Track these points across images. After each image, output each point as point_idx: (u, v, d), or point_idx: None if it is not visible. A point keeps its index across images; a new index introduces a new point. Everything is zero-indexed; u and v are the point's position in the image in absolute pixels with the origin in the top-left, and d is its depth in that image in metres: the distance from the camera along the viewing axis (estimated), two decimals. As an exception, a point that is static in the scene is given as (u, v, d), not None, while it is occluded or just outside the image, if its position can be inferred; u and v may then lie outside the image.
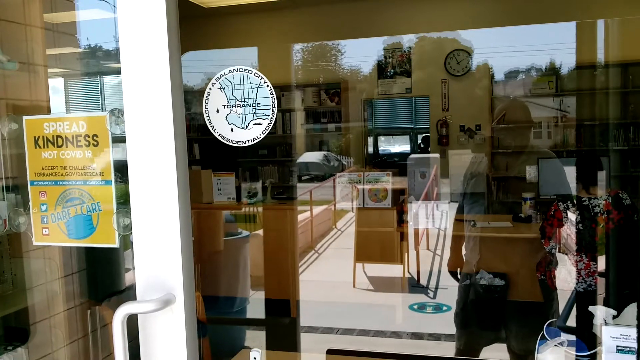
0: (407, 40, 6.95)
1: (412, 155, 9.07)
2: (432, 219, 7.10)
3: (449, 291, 5.18)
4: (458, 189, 5.03)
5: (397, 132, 12.77)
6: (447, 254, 6.58)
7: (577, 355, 1.53)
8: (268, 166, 6.64)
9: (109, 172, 1.17)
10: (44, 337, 2.79)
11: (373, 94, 7.56)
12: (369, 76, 7.40)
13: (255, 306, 4.26)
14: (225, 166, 4.23)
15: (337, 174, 5.21)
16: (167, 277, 1.08)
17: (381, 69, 7.07)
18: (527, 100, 6.42)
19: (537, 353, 1.58)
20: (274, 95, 1.40)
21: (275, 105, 1.40)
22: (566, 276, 3.55)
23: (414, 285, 5.42)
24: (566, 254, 3.66)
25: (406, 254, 5.28)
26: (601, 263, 3.03)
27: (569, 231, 3.47)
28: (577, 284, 3.28)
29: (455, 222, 4.29)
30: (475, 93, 6.84)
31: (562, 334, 1.56)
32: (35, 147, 1.20)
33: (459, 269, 3.74)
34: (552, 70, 6.53)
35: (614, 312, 1.58)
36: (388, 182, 4.39)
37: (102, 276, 2.76)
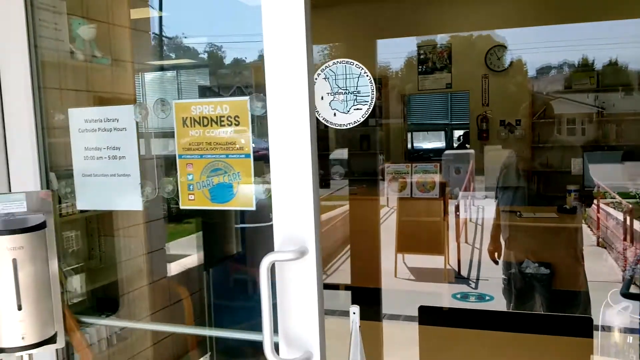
0: (449, 37, 7.08)
1: (447, 151, 9.18)
2: (470, 212, 7.21)
3: (490, 282, 5.32)
4: (495, 183, 5.18)
5: (431, 128, 12.80)
6: (485, 246, 6.71)
7: (641, 319, 1.70)
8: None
9: (248, 147, 1.40)
10: (130, 308, 3.07)
11: (412, 90, 7.70)
12: (408, 72, 7.53)
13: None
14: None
15: (384, 165, 5.39)
16: (301, 232, 1.31)
17: (421, 65, 7.20)
18: (566, 96, 6.51)
19: (602, 317, 1.75)
20: (373, 84, 1.61)
21: (374, 92, 1.62)
22: (610, 268, 3.67)
23: (455, 276, 5.56)
24: (605, 247, 3.79)
25: (447, 246, 5.42)
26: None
27: (610, 223, 3.60)
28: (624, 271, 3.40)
29: (499, 212, 4.43)
30: (515, 88, 6.92)
31: (626, 300, 1.74)
32: (183, 127, 1.44)
33: (496, 254, 3.92)
34: (592, 66, 6.57)
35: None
36: (435, 172, 4.57)
37: (216, 244, 3.07)
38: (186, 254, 3.94)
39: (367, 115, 1.64)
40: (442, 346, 2.19)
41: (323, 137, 6.71)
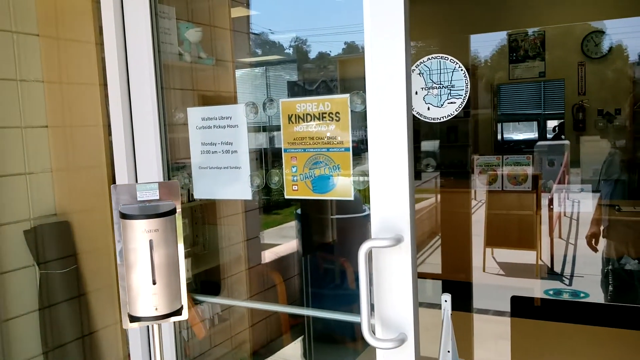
0: (543, 23, 6.82)
1: (540, 142, 8.83)
2: (564, 206, 6.93)
3: (586, 279, 5.13)
4: (596, 175, 4.95)
5: (523, 119, 12.33)
6: (580, 242, 6.44)
7: None
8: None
9: (347, 141, 1.51)
10: (228, 291, 3.29)
11: (504, 79, 7.49)
12: (499, 61, 7.33)
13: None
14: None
15: (474, 157, 5.32)
16: (397, 221, 1.39)
17: (512, 53, 6.99)
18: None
19: None
20: (467, 78, 1.65)
21: (468, 86, 1.67)
22: None
23: (548, 272, 5.40)
24: None
25: (539, 240, 5.27)
26: None
27: None
28: None
29: (597, 206, 4.29)
30: (614, 75, 6.57)
31: None
32: (289, 123, 1.58)
33: (593, 240, 3.79)
34: None
35: None
36: (528, 165, 4.46)
37: (314, 234, 3.28)
38: (277, 243, 4.13)
39: (460, 109, 1.69)
40: (534, 339, 2.19)
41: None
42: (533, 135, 11.59)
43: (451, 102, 1.66)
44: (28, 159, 2.21)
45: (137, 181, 1.74)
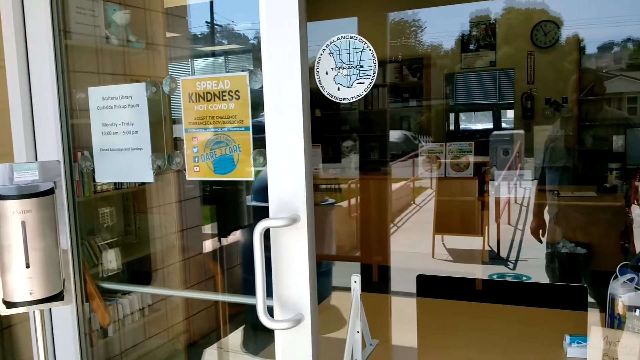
0: (493, 13, 6.90)
1: (495, 132, 9.00)
2: (515, 193, 7.08)
3: (530, 263, 5.25)
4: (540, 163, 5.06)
5: (479, 108, 12.50)
6: (527, 227, 6.58)
7: (648, 292, 1.68)
8: (355, 143, 6.86)
9: (248, 121, 1.47)
10: (162, 282, 3.23)
11: (455, 69, 7.57)
12: (451, 51, 7.40)
13: (341, 268, 4.53)
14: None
15: (419, 145, 5.37)
16: (294, 201, 1.37)
17: (464, 43, 7.06)
18: (615, 72, 6.25)
19: (609, 290, 1.74)
20: (376, 57, 1.64)
21: (377, 67, 1.65)
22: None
23: (494, 258, 5.51)
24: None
25: (486, 227, 5.36)
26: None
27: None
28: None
29: (538, 191, 4.37)
30: (562, 65, 6.70)
31: (633, 273, 1.72)
32: (189, 102, 1.53)
33: (540, 231, 3.85)
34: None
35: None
36: (470, 152, 4.52)
37: (229, 215, 3.25)
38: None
39: (368, 90, 1.67)
40: (439, 317, 2.21)
41: (367, 119, 6.74)
42: (490, 125, 11.78)
43: (360, 83, 1.64)
44: None
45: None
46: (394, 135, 9.81)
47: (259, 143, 1.45)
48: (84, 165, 1.76)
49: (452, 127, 10.78)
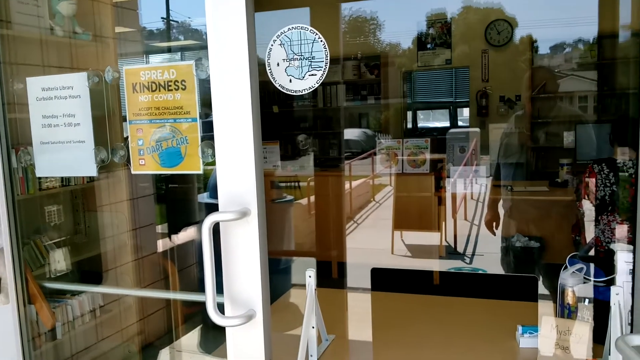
0: (449, 12, 6.99)
1: (452, 130, 9.14)
2: (471, 189, 7.20)
3: (486, 257, 5.35)
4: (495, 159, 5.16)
5: (436, 106, 12.68)
6: (483, 222, 6.71)
7: (595, 281, 1.72)
8: (309, 139, 6.83)
9: (195, 111, 1.42)
10: (114, 282, 3.13)
11: (412, 67, 7.63)
12: (408, 49, 7.46)
13: (299, 265, 4.51)
14: (269, 136, 4.50)
15: (377, 141, 5.39)
16: (244, 194, 1.33)
17: (421, 42, 7.13)
18: (567, 71, 6.43)
19: (560, 280, 1.77)
20: (327, 49, 1.61)
21: (328, 58, 1.62)
22: (599, 236, 3.64)
23: (451, 252, 5.59)
24: (599, 216, 3.77)
25: (443, 222, 5.43)
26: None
27: (602, 192, 3.56)
28: (610, 243, 3.39)
29: (492, 187, 4.44)
30: (515, 63, 6.84)
31: (582, 263, 1.75)
32: (133, 92, 1.46)
33: (494, 224, 3.92)
34: (591, 42, 6.47)
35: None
36: (427, 148, 4.56)
37: (185, 213, 3.17)
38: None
39: (321, 81, 1.64)
40: (393, 311, 2.22)
41: (325, 116, 6.73)
42: (447, 123, 11.96)
43: (312, 74, 1.61)
44: None
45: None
46: (354, 133, 9.89)
47: (210, 136, 1.41)
48: (23, 160, 1.67)
49: (410, 125, 10.90)
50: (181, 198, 3.33)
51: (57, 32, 2.65)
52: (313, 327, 1.67)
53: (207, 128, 1.42)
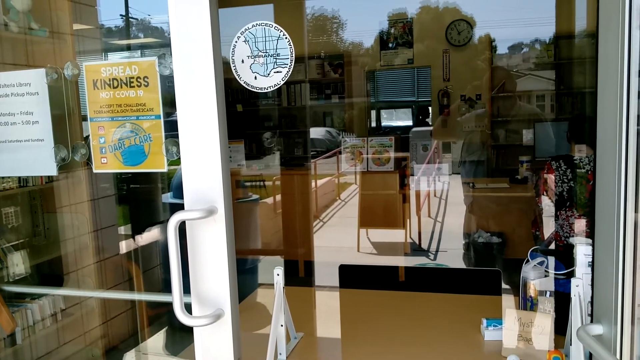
0: (410, 11, 7.07)
1: (415, 129, 9.26)
2: (434, 186, 7.30)
3: (449, 253, 5.44)
4: (458, 158, 5.26)
5: (399, 105, 12.82)
6: (447, 220, 6.84)
7: (555, 273, 1.77)
8: (274, 137, 6.80)
9: (158, 108, 1.39)
10: (75, 285, 3.05)
11: (375, 66, 7.68)
12: (371, 48, 7.50)
13: (266, 265, 4.48)
14: (234, 135, 4.46)
15: (342, 140, 5.42)
16: (210, 192, 1.31)
17: (383, 41, 7.18)
18: (525, 71, 6.59)
19: (522, 273, 1.81)
20: (292, 46, 1.60)
21: (293, 55, 1.61)
22: (558, 231, 3.74)
23: (416, 249, 5.66)
24: (558, 211, 3.88)
25: (408, 220, 5.50)
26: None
27: (560, 189, 3.66)
28: (569, 237, 3.48)
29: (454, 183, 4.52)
30: (476, 63, 6.96)
31: (543, 257, 1.80)
32: (94, 89, 1.43)
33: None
34: (547, 42, 6.64)
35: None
36: (391, 146, 4.61)
37: (148, 214, 3.11)
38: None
39: (286, 79, 1.64)
40: (360, 306, 2.23)
41: (289, 115, 6.72)
42: (409, 121, 12.11)
43: (277, 72, 1.60)
44: None
45: None
46: (318, 132, 9.90)
47: (174, 134, 1.38)
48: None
49: (374, 124, 10.97)
50: (144, 198, 3.28)
51: (11, 28, 2.56)
52: (282, 326, 1.66)
53: (171, 126, 1.39)
